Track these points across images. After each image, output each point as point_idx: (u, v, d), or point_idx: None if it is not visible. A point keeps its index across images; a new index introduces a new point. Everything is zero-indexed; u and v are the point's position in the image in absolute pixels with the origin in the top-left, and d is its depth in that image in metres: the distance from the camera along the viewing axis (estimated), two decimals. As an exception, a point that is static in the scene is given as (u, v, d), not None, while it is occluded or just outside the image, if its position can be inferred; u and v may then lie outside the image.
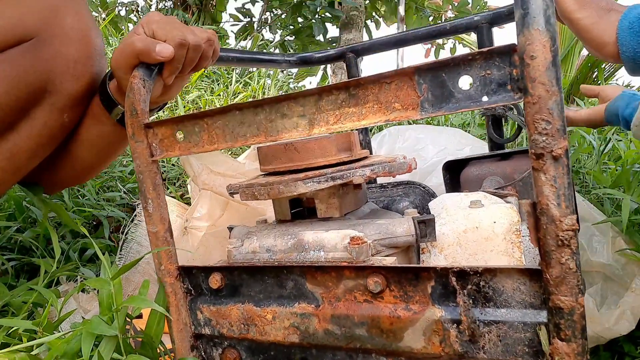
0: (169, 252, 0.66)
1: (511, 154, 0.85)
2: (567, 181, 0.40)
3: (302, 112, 0.53)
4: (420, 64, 0.45)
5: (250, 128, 0.57)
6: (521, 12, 0.40)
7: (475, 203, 0.66)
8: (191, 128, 0.61)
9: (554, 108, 0.39)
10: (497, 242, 0.63)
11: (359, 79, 0.49)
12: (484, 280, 0.48)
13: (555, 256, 0.42)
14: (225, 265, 0.63)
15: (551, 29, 0.39)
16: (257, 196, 0.61)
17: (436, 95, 0.45)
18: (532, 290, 0.46)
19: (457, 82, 0.44)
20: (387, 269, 0.52)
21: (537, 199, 0.42)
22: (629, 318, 0.72)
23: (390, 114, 0.48)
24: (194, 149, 0.61)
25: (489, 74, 0.43)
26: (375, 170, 0.59)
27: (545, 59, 0.39)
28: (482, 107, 0.43)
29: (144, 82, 0.64)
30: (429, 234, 0.59)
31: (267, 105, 0.55)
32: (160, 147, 0.63)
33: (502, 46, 0.42)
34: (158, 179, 0.64)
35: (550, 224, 0.41)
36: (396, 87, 0.47)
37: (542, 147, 0.40)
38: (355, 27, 4.53)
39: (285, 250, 0.60)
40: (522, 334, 0.46)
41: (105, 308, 0.72)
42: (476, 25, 0.95)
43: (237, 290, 0.62)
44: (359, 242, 0.55)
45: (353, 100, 0.50)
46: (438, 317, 0.50)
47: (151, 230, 0.65)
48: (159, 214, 0.64)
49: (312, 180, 0.58)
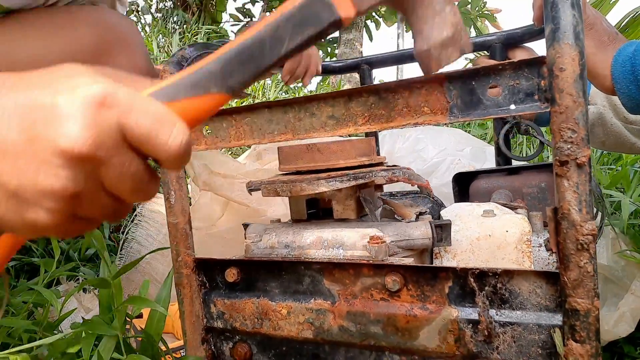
0: (187, 244, 0.67)
1: (519, 169, 0.87)
2: (589, 188, 0.42)
3: (332, 112, 0.55)
4: (450, 71, 0.48)
5: (278, 126, 0.58)
6: (552, 26, 0.42)
7: (488, 212, 0.68)
8: (219, 123, 0.62)
9: (579, 118, 0.42)
10: (509, 251, 0.64)
11: (389, 83, 0.51)
12: (501, 282, 0.49)
13: (574, 259, 0.43)
14: (243, 259, 0.64)
15: (580, 44, 0.41)
16: (279, 192, 0.62)
17: (465, 102, 0.47)
18: (548, 294, 0.48)
19: (486, 90, 0.46)
20: (406, 268, 0.53)
21: (559, 204, 0.44)
22: (628, 320, 0.73)
23: (419, 118, 0.50)
24: (221, 143, 0.62)
25: (518, 84, 0.45)
26: (396, 174, 0.61)
27: (573, 72, 0.41)
28: (510, 115, 0.46)
29: (174, 77, 0.66)
30: (444, 239, 0.60)
31: (296, 104, 0.57)
32: (186, 140, 0.65)
33: (531, 58, 0.44)
34: (182, 172, 0.66)
35: (570, 228, 0.43)
36: (426, 92, 0.49)
37: (567, 155, 0.42)
38: (355, 27, 4.57)
39: (304, 247, 0.62)
40: (537, 335, 0.48)
41: (105, 308, 0.72)
42: (489, 44, 0.98)
43: (253, 285, 0.64)
44: (378, 241, 0.57)
45: (382, 102, 0.52)
46: (454, 317, 0.51)
47: (171, 221, 0.66)
48: (181, 206, 0.66)
49: (335, 180, 0.60)
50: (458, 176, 0.93)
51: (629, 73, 0.66)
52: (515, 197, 0.83)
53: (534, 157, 0.91)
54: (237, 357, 0.66)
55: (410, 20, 0.47)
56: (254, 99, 2.99)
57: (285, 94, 3.44)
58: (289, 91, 3.55)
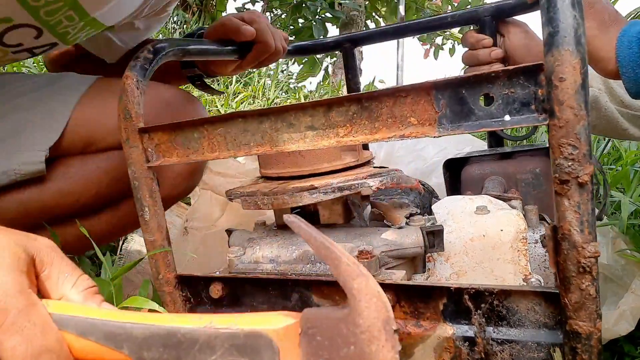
0: (167, 261, 0.63)
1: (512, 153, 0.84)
2: (591, 207, 0.39)
3: (311, 122, 0.50)
4: (438, 79, 0.43)
5: (254, 137, 0.54)
6: (550, 30, 0.38)
7: (481, 209, 0.65)
8: (190, 134, 0.58)
9: (581, 133, 0.38)
10: (504, 251, 0.62)
11: (372, 92, 0.46)
12: (498, 300, 0.47)
13: (575, 282, 0.41)
14: (226, 276, 0.61)
15: (582, 50, 0.37)
16: (260, 206, 0.59)
17: (455, 112, 0.43)
18: (547, 311, 0.45)
19: (477, 99, 0.42)
20: (398, 286, 0.51)
21: (559, 224, 0.40)
22: (628, 319, 0.73)
23: (406, 129, 0.46)
24: (193, 155, 0.58)
25: (512, 93, 0.41)
26: (383, 181, 0.57)
27: (575, 82, 0.37)
28: (504, 128, 0.42)
29: (138, 84, 0.61)
30: (437, 245, 0.58)
31: (272, 114, 0.52)
32: (156, 152, 0.60)
33: (527, 65, 0.40)
34: (154, 185, 0.62)
35: (571, 249, 0.40)
36: (412, 101, 0.45)
37: (568, 173, 0.39)
38: (356, 27, 4.49)
39: (289, 262, 0.59)
40: (536, 354, 0.46)
41: None
42: (478, 17, 0.92)
43: (239, 300, 0.61)
44: (368, 256, 0.54)
45: (365, 112, 0.47)
46: (450, 335, 0.49)
47: (148, 238, 0.62)
48: (156, 222, 0.62)
49: (319, 191, 0.56)
50: (449, 162, 0.89)
51: (636, 55, 0.61)
52: (509, 184, 0.80)
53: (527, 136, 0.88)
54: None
55: None
56: (254, 99, 2.89)
57: (285, 93, 3.33)
58: (289, 91, 3.43)
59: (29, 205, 0.81)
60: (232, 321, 0.35)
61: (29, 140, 0.78)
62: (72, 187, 0.82)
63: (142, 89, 0.61)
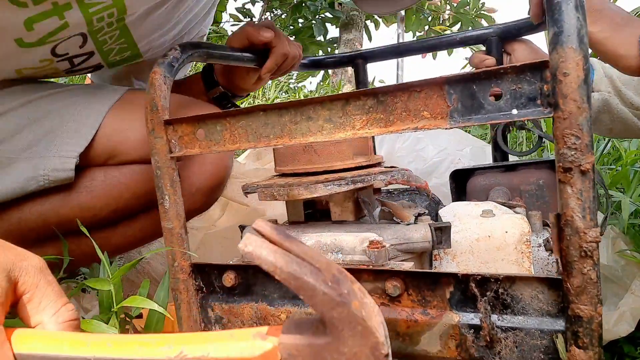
0: (183, 249, 0.66)
1: (517, 165, 0.87)
2: (593, 195, 0.42)
3: (329, 115, 0.54)
4: (451, 75, 0.46)
5: (274, 129, 0.57)
6: (555, 30, 0.41)
7: (487, 212, 0.67)
8: (212, 127, 0.61)
9: (583, 124, 0.41)
10: (508, 252, 0.64)
11: (388, 86, 0.50)
12: (503, 288, 0.49)
13: (577, 266, 0.43)
14: (240, 264, 0.63)
15: (584, 48, 0.40)
16: (276, 196, 0.61)
17: (466, 106, 0.46)
18: (550, 299, 0.47)
19: (487, 94, 0.45)
20: (406, 274, 0.53)
21: (562, 211, 0.43)
22: (628, 319, 0.73)
23: (419, 122, 0.49)
24: (215, 147, 0.61)
25: (520, 88, 0.44)
26: (395, 177, 0.60)
27: (577, 77, 0.40)
28: (512, 120, 0.45)
29: (165, 79, 0.65)
30: (444, 241, 0.60)
31: (292, 107, 0.55)
32: (179, 144, 0.63)
33: (534, 62, 0.43)
34: (175, 175, 0.64)
35: (574, 235, 0.43)
36: (425, 95, 0.48)
37: (571, 162, 0.42)
38: (355, 27, 4.54)
39: (302, 252, 0.61)
40: (539, 341, 0.48)
41: (105, 308, 0.71)
42: (485, 38, 0.97)
43: (251, 289, 0.63)
44: (378, 246, 0.56)
45: (381, 106, 0.51)
46: (455, 322, 0.51)
47: (166, 226, 0.65)
48: (175, 210, 0.65)
49: (333, 184, 0.59)
50: (455, 173, 0.92)
51: None
52: (513, 195, 0.83)
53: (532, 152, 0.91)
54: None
55: None
56: (255, 99, 2.95)
57: (285, 93, 3.40)
58: (289, 91, 3.50)
59: (48, 217, 0.82)
60: (205, 349, 0.34)
61: (59, 147, 0.78)
62: (93, 202, 0.83)
63: (169, 85, 0.65)
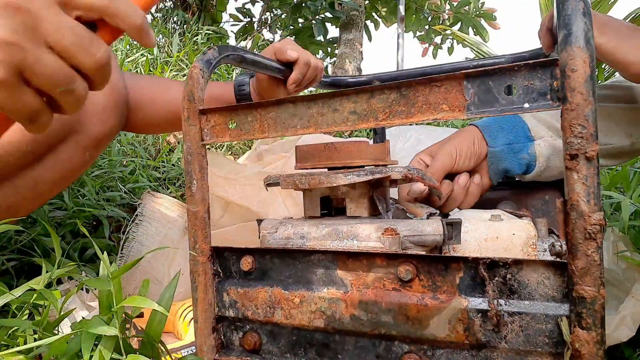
0: (205, 233, 0.69)
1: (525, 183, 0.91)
2: (597, 181, 0.45)
3: (354, 108, 0.58)
4: (469, 70, 0.51)
5: (301, 120, 0.62)
6: (565, 32, 0.46)
7: (495, 217, 0.70)
8: (244, 117, 0.66)
9: (589, 115, 0.45)
10: (515, 253, 0.67)
11: (410, 81, 0.55)
12: (511, 273, 0.52)
13: (581, 248, 0.46)
14: (258, 248, 0.66)
15: (590, 48, 0.45)
16: (298, 185, 0.65)
17: (482, 100, 0.51)
18: (556, 284, 0.50)
19: (502, 89, 0.50)
20: (419, 258, 0.56)
21: (568, 196, 0.47)
22: (629, 324, 0.74)
23: (438, 114, 0.53)
24: (245, 135, 0.66)
25: (532, 84, 0.49)
26: (411, 172, 0.64)
27: (584, 72, 0.45)
28: (523, 112, 0.49)
29: (203, 73, 0.70)
30: (454, 237, 0.63)
31: (320, 100, 0.60)
32: (211, 132, 0.68)
33: (545, 60, 0.48)
34: (204, 162, 0.69)
35: (579, 218, 0.46)
36: (445, 90, 0.53)
37: (577, 149, 0.45)
38: (355, 27, 4.58)
39: (319, 238, 0.64)
40: (544, 325, 0.50)
41: (105, 308, 0.73)
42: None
43: (267, 274, 0.66)
44: (392, 233, 0.59)
45: (403, 100, 0.55)
46: (464, 307, 0.53)
47: (191, 209, 0.69)
48: (201, 195, 0.68)
49: (352, 174, 0.63)
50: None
51: None
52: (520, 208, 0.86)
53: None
54: (246, 346, 0.67)
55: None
56: None
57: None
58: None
59: None
60: None
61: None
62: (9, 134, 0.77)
63: (206, 79, 0.71)
